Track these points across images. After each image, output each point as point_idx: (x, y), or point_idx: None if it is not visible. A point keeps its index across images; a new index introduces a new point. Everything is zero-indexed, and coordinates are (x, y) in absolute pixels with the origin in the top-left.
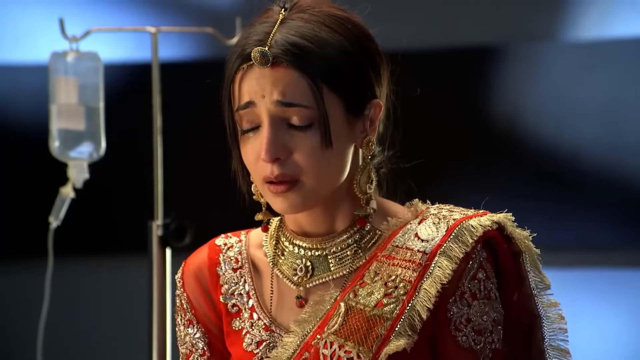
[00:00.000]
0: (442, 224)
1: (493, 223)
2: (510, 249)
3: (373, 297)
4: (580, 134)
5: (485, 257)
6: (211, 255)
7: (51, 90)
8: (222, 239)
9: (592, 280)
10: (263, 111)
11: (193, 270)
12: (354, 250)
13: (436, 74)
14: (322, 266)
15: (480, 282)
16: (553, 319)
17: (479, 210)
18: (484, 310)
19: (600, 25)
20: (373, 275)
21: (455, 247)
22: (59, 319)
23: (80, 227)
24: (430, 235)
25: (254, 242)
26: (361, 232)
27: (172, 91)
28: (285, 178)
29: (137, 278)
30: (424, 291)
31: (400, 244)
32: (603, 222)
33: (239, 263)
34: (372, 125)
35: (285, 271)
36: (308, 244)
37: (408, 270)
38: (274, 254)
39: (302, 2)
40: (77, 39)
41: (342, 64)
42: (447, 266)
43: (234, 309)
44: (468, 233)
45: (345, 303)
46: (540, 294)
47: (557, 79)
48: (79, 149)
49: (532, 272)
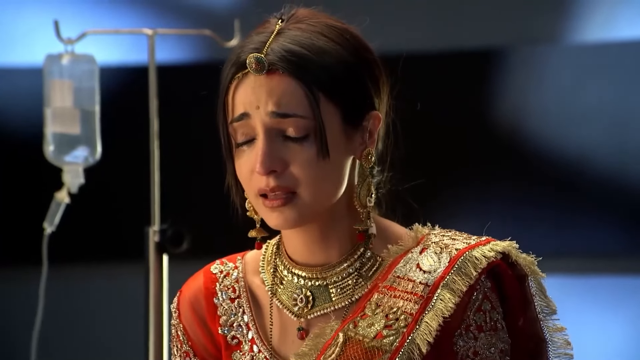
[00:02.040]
0: (444, 254)
1: (497, 254)
2: (514, 273)
3: (373, 329)
4: (585, 139)
5: (489, 286)
6: (207, 285)
7: (46, 93)
8: (218, 266)
9: (597, 288)
10: (258, 123)
11: (189, 299)
12: (355, 279)
13: (437, 78)
14: (322, 296)
15: (486, 314)
16: (559, 344)
17: (482, 238)
18: (491, 342)
19: (605, 28)
20: (374, 307)
21: (458, 279)
22: (53, 328)
23: (76, 233)
24: (432, 267)
25: (250, 268)
26: (361, 260)
27: (169, 95)
28: (281, 190)
29: (133, 285)
30: (425, 324)
31: (401, 274)
32: (609, 229)
33: (237, 292)
34: (371, 137)
35: (285, 301)
36: (307, 274)
37: (409, 303)
38: (272, 282)
39: (300, 13)
40: (72, 41)
41: (339, 72)
42: (450, 299)
43: (234, 341)
44: (471, 265)
45: (344, 333)
46: (546, 318)
47: (561, 83)
48: (74, 153)
49: (537, 297)
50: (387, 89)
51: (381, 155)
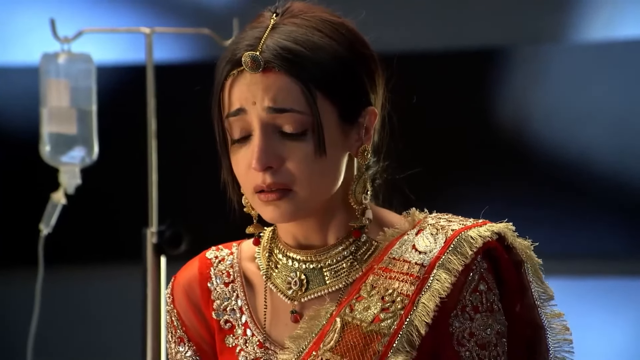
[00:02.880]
0: (440, 235)
1: (493, 233)
2: (511, 259)
3: (370, 312)
4: (589, 139)
5: (486, 267)
6: (202, 270)
7: (42, 92)
8: (213, 252)
9: (599, 290)
10: (254, 118)
11: (183, 285)
12: (350, 262)
13: (438, 77)
14: (317, 279)
15: (482, 294)
16: (557, 330)
17: (479, 220)
18: (487, 323)
19: (609, 26)
20: (370, 288)
21: (454, 259)
22: (49, 331)
23: (72, 234)
24: (428, 247)
25: (246, 255)
26: (357, 243)
27: (167, 94)
28: (277, 187)
29: (131, 287)
30: (422, 305)
31: (397, 256)
32: (612, 230)
33: (231, 277)
34: (367, 133)
35: (279, 285)
36: (302, 257)
37: (405, 284)
38: (267, 267)
39: (295, 7)
40: (68, 40)
41: (335, 69)
42: (446, 279)
43: (227, 325)
44: (467, 244)
45: (342, 318)
46: (543, 304)
47: (564, 83)
48: (71, 153)
49: (534, 283)
50: (383, 82)
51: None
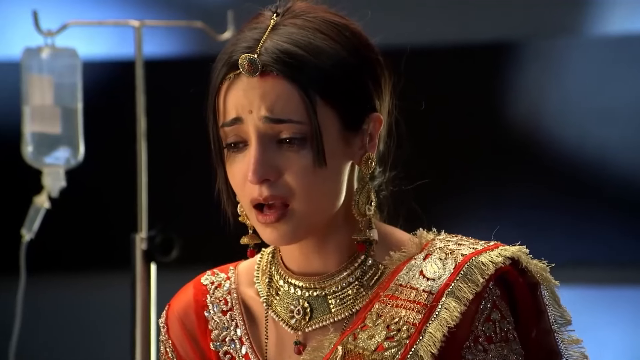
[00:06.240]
0: (449, 260)
1: (506, 259)
2: (526, 281)
3: (374, 341)
4: (606, 138)
5: (498, 294)
6: (197, 297)
7: (24, 90)
8: (209, 277)
9: (618, 300)
10: (251, 128)
11: (179, 313)
12: (356, 288)
13: (447, 73)
14: (321, 307)
15: (496, 324)
16: (575, 357)
17: (490, 243)
18: (502, 354)
19: (629, 19)
20: (375, 317)
21: (464, 287)
22: (31, 342)
23: (56, 240)
24: (436, 273)
25: (244, 279)
26: (362, 268)
27: (157, 91)
28: (275, 200)
29: (119, 296)
30: (429, 335)
31: (404, 282)
32: (632, 237)
33: (229, 304)
34: (372, 141)
35: (281, 313)
36: (305, 284)
37: (412, 312)
38: (267, 293)
39: (296, 6)
40: (52, 33)
41: (338, 74)
42: (455, 308)
43: (227, 357)
44: (478, 271)
45: (343, 346)
46: (560, 329)
47: (581, 79)
48: (55, 154)
49: (551, 306)
50: (390, 87)
51: (383, 156)
